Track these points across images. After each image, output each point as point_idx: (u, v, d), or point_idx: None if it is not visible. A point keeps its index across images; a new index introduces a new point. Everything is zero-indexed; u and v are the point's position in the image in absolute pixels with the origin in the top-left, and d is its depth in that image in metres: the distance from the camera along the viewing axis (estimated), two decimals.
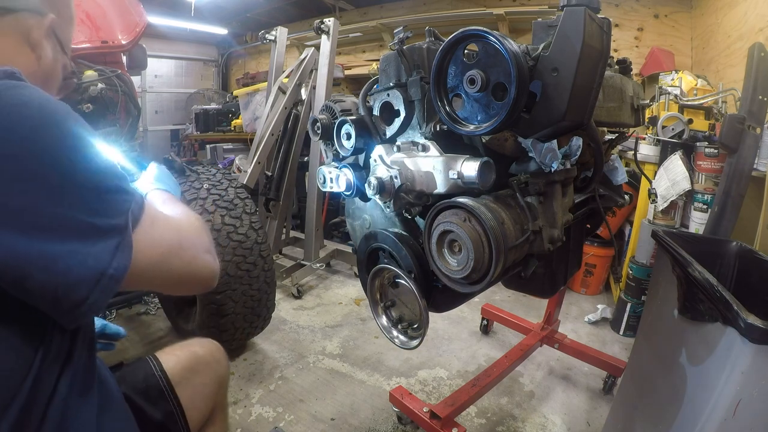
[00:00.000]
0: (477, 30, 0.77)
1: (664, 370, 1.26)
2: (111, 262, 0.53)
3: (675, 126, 2.31)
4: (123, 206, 0.57)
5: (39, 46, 0.68)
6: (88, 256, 0.51)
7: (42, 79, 0.70)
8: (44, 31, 0.68)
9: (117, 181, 0.58)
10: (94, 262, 0.51)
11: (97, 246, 0.52)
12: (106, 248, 0.53)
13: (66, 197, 0.51)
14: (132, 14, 2.78)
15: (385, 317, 1.13)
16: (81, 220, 0.52)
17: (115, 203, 0.56)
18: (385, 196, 0.98)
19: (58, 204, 0.50)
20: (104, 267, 0.52)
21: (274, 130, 2.99)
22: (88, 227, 0.52)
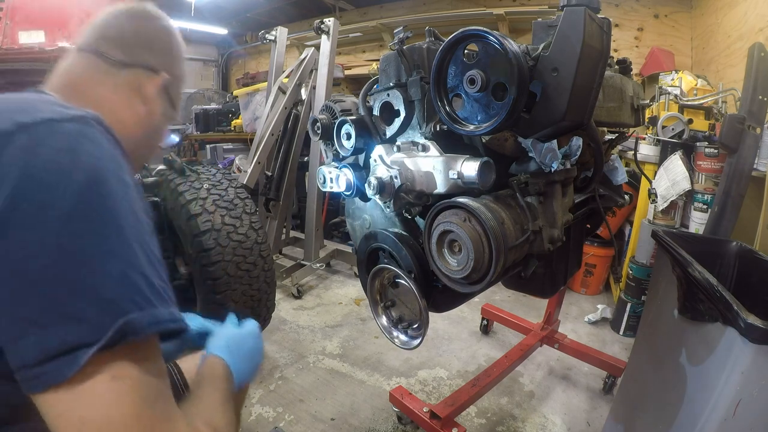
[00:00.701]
0: (477, 30, 0.77)
1: (664, 370, 1.26)
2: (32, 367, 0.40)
3: (675, 126, 2.31)
4: (103, 317, 0.42)
5: (151, 101, 0.73)
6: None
7: (150, 129, 0.74)
8: (157, 88, 0.73)
9: (118, 291, 0.43)
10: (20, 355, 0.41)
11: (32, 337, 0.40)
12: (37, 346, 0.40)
13: (54, 282, 0.41)
14: None
15: (385, 317, 1.13)
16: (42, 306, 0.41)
17: (93, 312, 0.42)
18: (385, 196, 0.98)
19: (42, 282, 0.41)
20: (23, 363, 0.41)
21: (274, 130, 2.99)
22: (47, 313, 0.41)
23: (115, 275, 0.43)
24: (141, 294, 0.44)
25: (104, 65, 0.70)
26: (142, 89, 0.72)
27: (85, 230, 0.42)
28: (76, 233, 0.42)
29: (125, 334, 0.42)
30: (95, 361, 0.41)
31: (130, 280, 0.44)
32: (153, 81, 0.73)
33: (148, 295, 0.45)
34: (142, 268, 0.45)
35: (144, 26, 0.76)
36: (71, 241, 0.42)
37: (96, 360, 0.41)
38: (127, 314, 0.42)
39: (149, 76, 0.73)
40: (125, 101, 0.71)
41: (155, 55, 0.75)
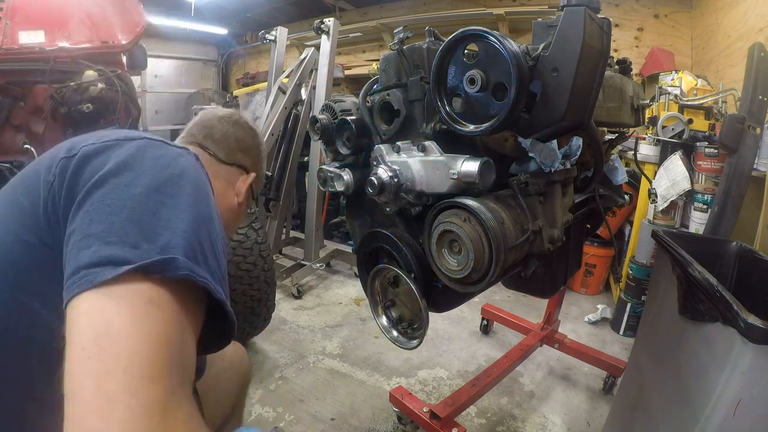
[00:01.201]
0: (477, 30, 0.77)
1: (664, 370, 1.26)
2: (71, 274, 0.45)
3: (675, 126, 2.31)
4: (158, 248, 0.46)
5: (241, 194, 0.91)
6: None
7: (235, 214, 0.91)
8: (247, 185, 0.92)
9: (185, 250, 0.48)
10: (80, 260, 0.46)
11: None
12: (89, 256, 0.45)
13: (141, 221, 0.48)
14: (132, 14, 2.78)
15: (385, 317, 1.13)
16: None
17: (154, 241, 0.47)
18: (385, 196, 0.98)
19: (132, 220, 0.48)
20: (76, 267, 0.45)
21: (274, 130, 2.99)
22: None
23: (177, 231, 0.49)
24: (193, 251, 0.49)
25: (208, 157, 0.87)
26: (236, 184, 0.90)
27: (165, 199, 0.51)
28: (157, 198, 0.50)
29: (166, 269, 0.45)
30: (136, 279, 0.44)
31: (188, 240, 0.49)
32: (245, 179, 0.92)
33: (200, 257, 0.50)
34: (202, 241, 0.51)
35: (241, 132, 0.94)
36: (151, 200, 0.50)
37: (137, 278, 0.44)
38: (173, 253, 0.47)
39: (242, 174, 0.92)
40: (222, 190, 0.86)
41: (247, 158, 0.94)
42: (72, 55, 2.46)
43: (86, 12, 2.56)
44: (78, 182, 0.51)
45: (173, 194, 0.52)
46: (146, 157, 0.55)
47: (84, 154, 0.54)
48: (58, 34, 2.44)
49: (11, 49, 2.29)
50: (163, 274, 0.45)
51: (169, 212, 0.50)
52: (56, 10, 2.52)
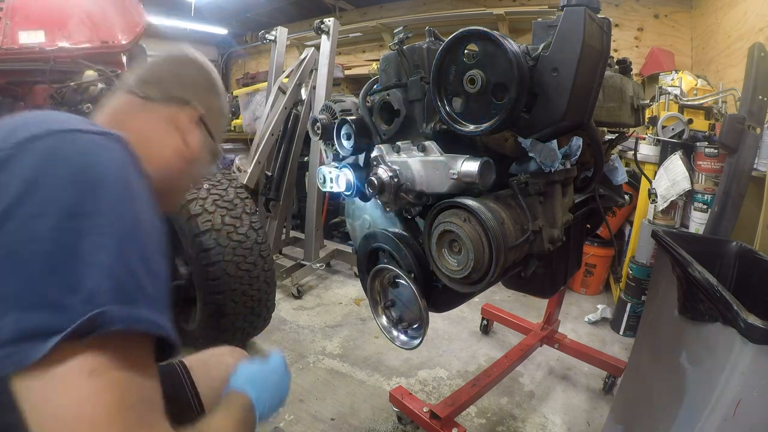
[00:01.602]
0: (477, 30, 0.77)
1: (664, 370, 1.26)
2: None
3: (675, 126, 2.31)
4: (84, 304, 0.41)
5: (186, 132, 0.78)
6: None
7: (189, 158, 0.79)
8: (190, 118, 0.79)
9: (101, 283, 0.43)
10: None
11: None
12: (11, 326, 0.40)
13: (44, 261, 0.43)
14: (132, 14, 2.78)
15: (385, 317, 1.13)
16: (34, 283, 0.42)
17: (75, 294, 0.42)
18: (385, 196, 0.98)
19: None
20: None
21: (274, 130, 2.99)
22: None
23: (102, 268, 0.43)
24: (124, 291, 0.44)
25: (140, 101, 0.76)
26: (177, 121, 0.77)
27: (83, 225, 0.44)
28: (73, 226, 0.43)
29: (99, 325, 0.41)
30: (69, 350, 0.40)
31: (116, 277, 0.43)
32: (185, 112, 0.78)
33: (133, 294, 0.45)
34: (133, 269, 0.46)
35: (179, 67, 0.83)
36: (66, 233, 0.43)
37: (70, 348, 0.40)
38: (103, 306, 0.41)
39: (182, 108, 0.79)
40: (163, 133, 0.76)
41: (187, 90, 0.80)
42: (72, 55, 2.46)
43: (86, 12, 2.56)
44: None
45: (91, 214, 0.45)
46: (56, 165, 0.46)
47: None
48: (58, 34, 2.44)
49: (11, 49, 2.29)
50: (97, 333, 0.41)
51: (90, 242, 0.43)
52: (56, 10, 2.52)
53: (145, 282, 0.46)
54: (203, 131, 0.82)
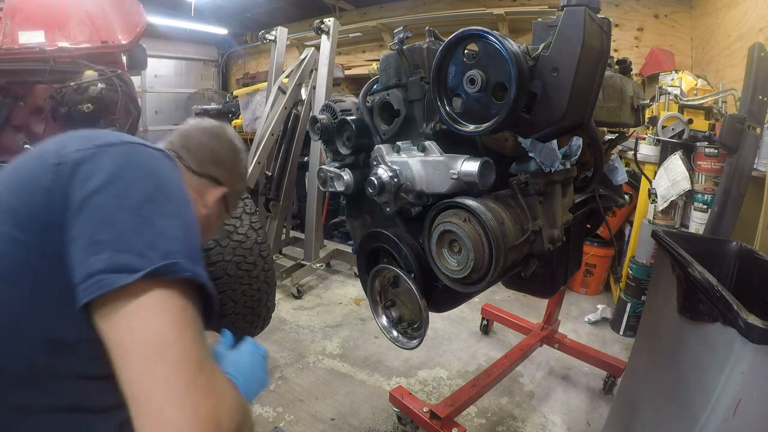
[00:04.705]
0: (477, 30, 0.77)
1: (664, 370, 1.26)
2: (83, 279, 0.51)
3: (675, 126, 2.31)
4: (156, 253, 0.53)
5: (209, 207, 0.90)
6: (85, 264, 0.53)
7: (204, 228, 0.87)
8: (216, 198, 0.91)
9: (168, 243, 0.55)
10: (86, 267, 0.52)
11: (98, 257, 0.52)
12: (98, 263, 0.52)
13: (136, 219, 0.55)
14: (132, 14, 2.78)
15: (385, 317, 1.13)
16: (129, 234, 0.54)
17: (153, 247, 0.54)
18: (385, 196, 0.98)
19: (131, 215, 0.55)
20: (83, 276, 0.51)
21: (274, 130, 2.99)
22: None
23: (173, 238, 0.56)
24: (190, 254, 0.56)
25: (184, 168, 0.87)
26: (205, 195, 0.89)
27: (156, 208, 0.57)
28: (149, 208, 0.56)
29: (173, 271, 0.52)
30: (150, 284, 0.51)
31: (184, 245, 0.56)
32: (214, 192, 0.91)
33: (196, 258, 0.58)
34: (193, 243, 0.59)
35: (216, 144, 0.93)
36: (146, 212, 0.56)
37: (151, 283, 0.51)
38: (177, 259, 0.54)
39: (213, 186, 0.91)
40: (194, 200, 0.83)
41: (221, 170, 0.92)
42: (72, 55, 2.46)
43: (86, 12, 2.56)
44: (73, 186, 0.56)
45: (164, 201, 0.58)
46: (133, 164, 0.60)
47: (74, 161, 0.58)
48: (58, 34, 2.44)
49: (11, 49, 2.29)
50: (170, 276, 0.52)
51: (163, 220, 0.56)
52: (56, 10, 2.52)
53: (198, 255, 0.59)
54: (223, 207, 0.94)
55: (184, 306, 0.53)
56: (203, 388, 0.49)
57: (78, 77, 2.47)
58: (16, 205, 0.57)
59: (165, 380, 0.48)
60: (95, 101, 2.47)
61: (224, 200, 0.93)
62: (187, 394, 0.48)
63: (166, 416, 0.46)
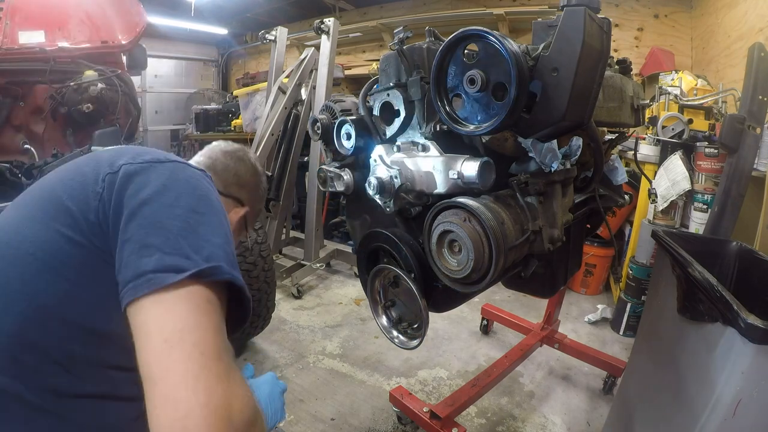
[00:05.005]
0: (477, 30, 0.77)
1: (664, 370, 1.26)
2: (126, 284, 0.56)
3: (675, 126, 2.31)
4: (198, 258, 0.57)
5: (231, 223, 0.90)
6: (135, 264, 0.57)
7: None
8: (239, 217, 0.98)
9: (211, 249, 0.60)
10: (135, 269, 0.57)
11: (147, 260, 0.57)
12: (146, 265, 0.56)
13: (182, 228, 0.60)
14: (132, 14, 2.78)
15: (385, 317, 1.13)
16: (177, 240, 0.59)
17: (197, 252, 0.58)
18: (385, 196, 0.98)
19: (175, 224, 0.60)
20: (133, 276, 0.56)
21: (274, 130, 2.99)
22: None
23: (215, 245, 0.60)
24: (230, 260, 0.61)
25: None
26: (229, 215, 0.91)
27: (201, 219, 0.62)
28: (194, 218, 0.62)
29: (215, 273, 0.57)
30: (194, 282, 0.55)
31: (224, 251, 0.61)
32: (237, 211, 0.98)
33: (234, 264, 0.62)
34: (231, 250, 0.63)
35: (241, 168, 1.01)
36: (191, 221, 0.61)
37: (194, 282, 0.55)
38: (219, 263, 0.58)
39: (237, 206, 0.98)
40: None
41: (242, 192, 1.00)
42: (72, 55, 2.46)
43: (86, 12, 2.56)
44: (124, 196, 0.61)
45: (206, 213, 0.64)
46: (179, 180, 0.66)
47: (126, 172, 0.64)
48: (58, 34, 2.44)
49: (11, 49, 2.29)
50: (212, 278, 0.57)
51: (207, 229, 0.62)
52: (56, 10, 2.52)
53: (236, 262, 0.63)
54: (243, 225, 1.01)
55: (214, 303, 0.56)
56: (219, 376, 0.50)
57: (78, 77, 2.47)
58: (69, 206, 0.62)
59: (182, 362, 0.49)
60: (95, 101, 2.47)
61: (245, 219, 1.00)
62: (202, 378, 0.49)
63: (178, 397, 0.47)
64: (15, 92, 2.41)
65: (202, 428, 0.46)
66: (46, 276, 0.59)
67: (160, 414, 0.47)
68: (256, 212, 1.07)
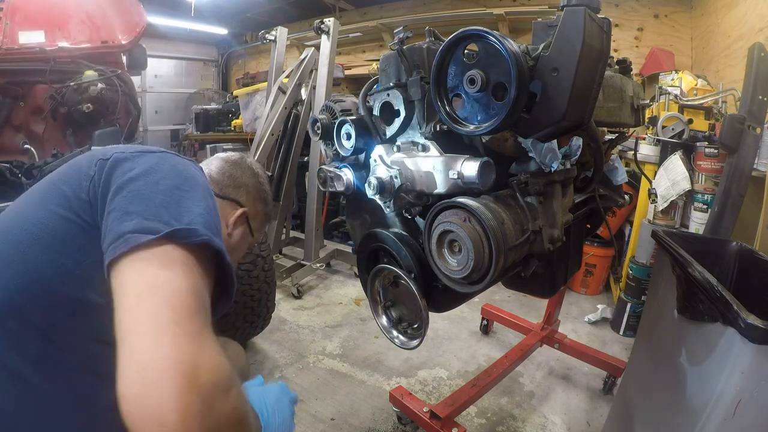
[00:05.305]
0: (477, 30, 0.77)
1: (664, 370, 1.26)
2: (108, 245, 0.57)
3: (675, 126, 2.31)
4: (177, 220, 0.59)
5: (231, 227, 0.97)
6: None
7: (228, 248, 0.89)
8: (236, 218, 0.97)
9: (191, 218, 0.61)
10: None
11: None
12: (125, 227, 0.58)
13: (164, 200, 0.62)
14: (132, 14, 2.78)
15: (385, 317, 1.13)
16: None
17: (176, 216, 0.60)
18: (385, 196, 0.98)
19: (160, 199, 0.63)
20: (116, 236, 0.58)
21: (274, 130, 2.99)
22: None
23: (196, 215, 0.61)
24: (209, 226, 0.61)
25: None
26: (227, 216, 0.96)
27: (184, 194, 0.64)
28: (178, 193, 0.64)
29: (192, 235, 0.57)
30: (169, 242, 0.55)
31: (204, 220, 0.62)
32: (234, 212, 0.97)
33: (215, 231, 0.62)
34: (214, 221, 0.65)
35: (237, 171, 1.03)
36: (174, 194, 0.63)
37: (169, 242, 0.56)
38: (197, 227, 0.59)
39: (234, 208, 0.98)
40: None
41: (240, 193, 1.01)
42: (72, 55, 2.46)
43: (86, 12, 2.56)
44: (113, 176, 0.65)
45: (189, 190, 0.65)
46: (167, 164, 0.68)
47: (117, 158, 0.68)
48: (58, 34, 2.44)
49: (11, 49, 2.29)
50: (188, 240, 0.57)
51: (188, 202, 0.63)
52: (56, 10, 2.52)
53: (218, 234, 0.64)
54: (246, 228, 1.01)
55: (191, 264, 0.56)
56: (188, 332, 0.48)
57: (78, 77, 2.47)
58: (64, 189, 0.66)
59: (150, 315, 0.48)
60: (95, 101, 2.47)
61: (245, 221, 1.00)
62: (170, 332, 0.47)
63: (142, 348, 0.46)
64: (15, 92, 2.41)
65: (162, 380, 0.44)
66: (37, 248, 0.62)
67: (123, 366, 0.46)
68: (260, 214, 1.06)
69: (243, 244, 1.02)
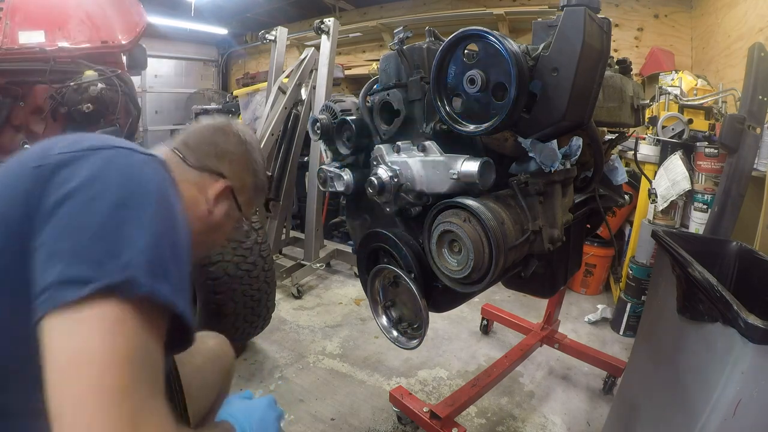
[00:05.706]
0: (477, 30, 0.77)
1: (664, 370, 1.26)
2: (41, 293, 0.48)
3: (675, 126, 2.31)
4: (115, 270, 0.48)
5: (212, 202, 0.83)
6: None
7: (210, 226, 0.84)
8: (218, 192, 0.83)
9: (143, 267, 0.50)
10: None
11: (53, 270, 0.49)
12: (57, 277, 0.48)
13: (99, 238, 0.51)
14: (132, 14, 2.77)
15: (385, 317, 1.13)
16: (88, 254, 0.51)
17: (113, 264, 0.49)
18: (385, 196, 0.98)
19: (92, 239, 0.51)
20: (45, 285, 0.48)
21: (274, 130, 2.99)
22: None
23: (138, 248, 0.51)
24: (153, 268, 0.51)
25: (177, 161, 0.82)
26: (206, 191, 0.83)
27: (127, 214, 0.53)
28: (120, 213, 0.53)
29: (128, 287, 0.48)
30: (99, 299, 0.46)
31: (148, 256, 0.51)
32: (217, 184, 0.84)
33: (160, 273, 0.52)
34: (162, 255, 0.53)
35: (219, 138, 0.87)
36: (114, 217, 0.52)
37: (100, 299, 0.46)
38: (135, 273, 0.49)
39: (215, 180, 0.84)
40: (192, 197, 0.81)
41: (223, 163, 0.86)
42: (72, 55, 2.46)
43: (86, 12, 2.56)
44: (48, 194, 0.53)
45: (136, 208, 0.54)
46: (112, 169, 0.57)
47: (53, 165, 0.56)
48: (58, 34, 2.44)
49: (11, 49, 2.29)
50: (125, 294, 0.47)
51: (132, 228, 0.52)
52: (56, 10, 2.51)
53: (171, 268, 0.54)
54: (232, 203, 0.87)
55: (128, 323, 0.47)
56: (120, 419, 0.42)
57: (78, 77, 2.46)
58: (5, 211, 0.54)
59: (78, 400, 0.42)
60: (95, 101, 2.46)
61: (230, 195, 0.86)
62: (97, 422, 0.41)
63: None
64: (15, 92, 2.40)
65: None
66: None
67: None
68: (248, 187, 0.91)
69: (227, 222, 0.88)
